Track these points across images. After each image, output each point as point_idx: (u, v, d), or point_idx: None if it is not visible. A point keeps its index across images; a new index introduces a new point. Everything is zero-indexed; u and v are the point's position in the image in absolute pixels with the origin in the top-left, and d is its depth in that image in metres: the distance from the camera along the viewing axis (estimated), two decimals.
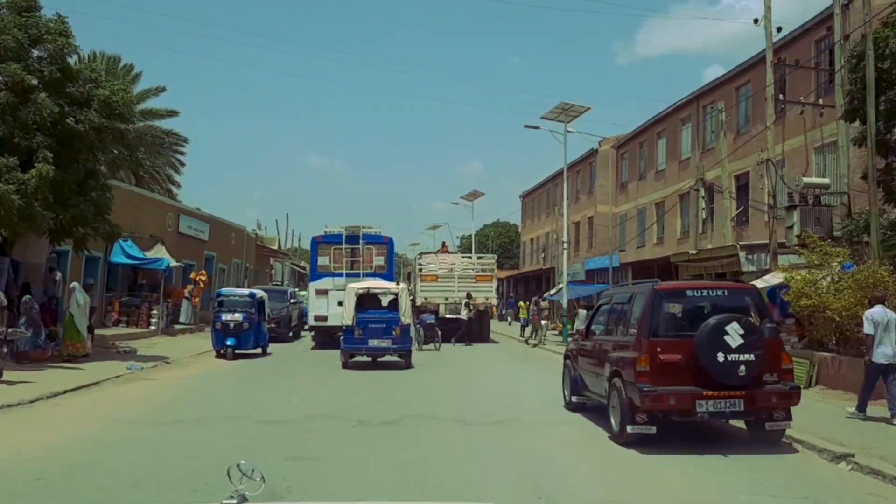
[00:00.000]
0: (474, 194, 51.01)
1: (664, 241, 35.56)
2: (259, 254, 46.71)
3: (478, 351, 25.21)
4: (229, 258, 37.72)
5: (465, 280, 28.16)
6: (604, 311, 11.32)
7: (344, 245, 23.53)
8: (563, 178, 48.59)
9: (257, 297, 21.29)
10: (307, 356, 22.58)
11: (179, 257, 30.86)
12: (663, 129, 36.31)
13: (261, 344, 21.62)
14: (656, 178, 36.77)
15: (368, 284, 20.03)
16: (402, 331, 18.04)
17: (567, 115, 29.30)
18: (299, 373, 17.66)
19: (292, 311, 27.44)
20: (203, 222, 33.91)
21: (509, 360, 21.71)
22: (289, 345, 25.99)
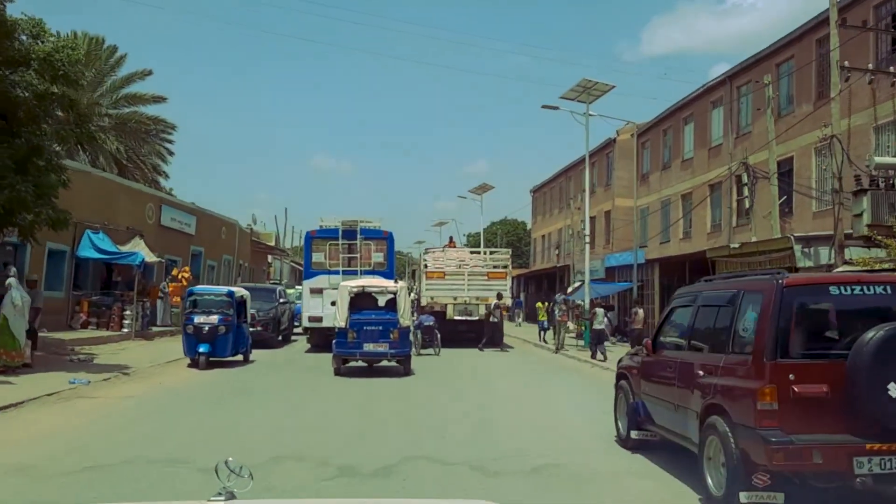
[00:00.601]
0: (483, 187, 47.78)
1: (692, 236, 32.34)
2: (255, 250, 43.62)
3: (490, 357, 22.07)
4: (219, 254, 34.61)
5: (476, 278, 25.00)
6: (683, 316, 8.14)
7: (340, 240, 21.58)
8: (580, 168, 45.67)
9: (236, 297, 18.16)
10: (295, 364, 19.44)
11: (162, 252, 27.81)
12: (690, 113, 33.07)
13: (241, 350, 18.53)
14: (682, 167, 33.54)
15: (363, 282, 17.63)
16: (400, 334, 16.06)
17: (589, 94, 26.09)
18: (281, 387, 14.51)
19: (282, 311, 24.29)
20: (189, 214, 30.80)
21: (529, 370, 18.51)
22: (277, 350, 22.84)
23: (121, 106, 34.78)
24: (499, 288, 24.70)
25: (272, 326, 23.02)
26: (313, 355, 21.80)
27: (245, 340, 18.78)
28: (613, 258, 32.92)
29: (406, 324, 16.55)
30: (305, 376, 16.54)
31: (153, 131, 35.26)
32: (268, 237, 45.18)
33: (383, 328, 15.87)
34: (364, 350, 15.88)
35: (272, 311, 23.24)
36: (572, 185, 48.02)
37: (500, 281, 24.95)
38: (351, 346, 15.83)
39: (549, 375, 17.23)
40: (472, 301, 24.61)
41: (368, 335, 15.78)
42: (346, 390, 14.25)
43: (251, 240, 42.10)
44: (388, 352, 15.97)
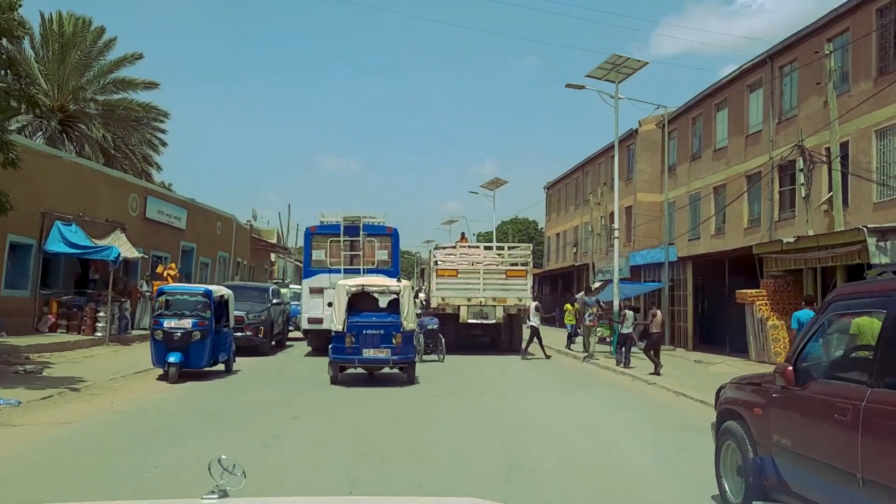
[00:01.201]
0: (496, 182, 44.83)
1: (725, 232, 29.36)
2: (256, 248, 40.83)
3: (509, 366, 19.16)
4: (214, 250, 31.79)
5: (493, 276, 22.08)
6: (848, 331, 5.19)
7: (342, 237, 20.05)
8: (598, 162, 42.91)
9: (215, 297, 15.30)
10: (286, 374, 16.59)
11: (147, 247, 25.04)
12: (724, 98, 30.07)
13: (222, 359, 15.72)
14: (715, 157, 30.54)
15: (363, 281, 15.63)
16: (404, 338, 14.34)
17: (618, 72, 23.17)
18: (260, 407, 11.62)
19: (275, 313, 21.43)
20: (178, 207, 27.99)
21: (557, 383, 15.57)
22: (268, 358, 19.98)
23: (109, 92, 32.02)
24: (518, 288, 21.80)
25: (264, 330, 20.14)
26: (308, 362, 19.12)
27: (227, 347, 15.96)
28: (639, 256, 29.93)
29: (410, 327, 14.68)
30: (294, 391, 13.68)
31: (144, 119, 32.45)
32: (269, 234, 42.38)
33: (385, 332, 14.10)
34: (363, 357, 14.15)
35: (264, 313, 20.37)
36: (589, 180, 45.12)
37: (520, 280, 22.03)
38: (349, 352, 14.10)
39: (583, 391, 14.26)
40: (488, 302, 21.71)
41: (368, 340, 14.08)
42: (340, 410, 11.45)
43: (251, 236, 39.28)
44: (390, 358, 14.17)
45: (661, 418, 10.91)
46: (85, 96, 30.40)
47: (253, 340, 19.90)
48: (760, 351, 20.51)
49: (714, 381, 16.03)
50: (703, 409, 11.81)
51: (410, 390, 13.66)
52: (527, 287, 21.97)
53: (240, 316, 19.69)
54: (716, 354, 23.16)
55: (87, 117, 30.84)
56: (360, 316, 14.42)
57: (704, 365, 20.57)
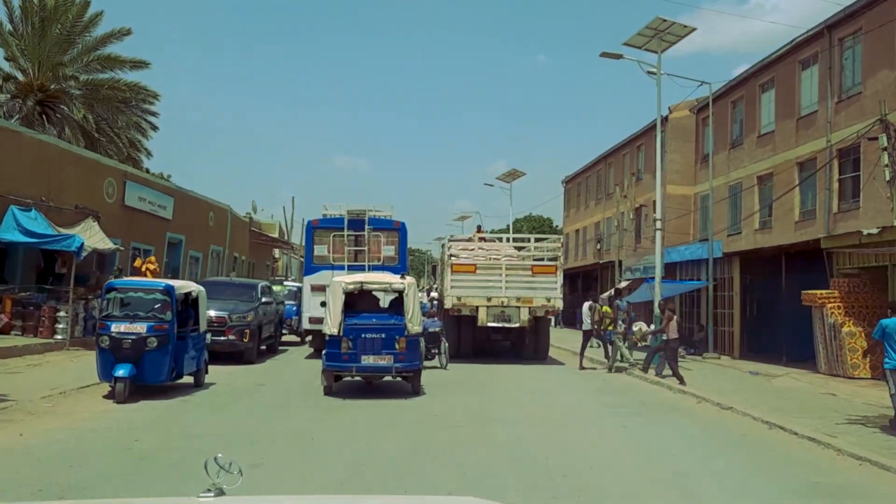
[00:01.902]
0: (513, 174, 41.59)
1: (772, 226, 26.05)
2: (257, 242, 37.78)
3: (538, 377, 16.04)
4: (206, 244, 28.73)
5: (517, 273, 18.92)
6: None
7: (346, 231, 18.56)
8: (624, 153, 39.23)
9: (179, 293, 12.19)
10: (269, 389, 13.45)
11: (126, 239, 22.03)
12: (770, 79, 26.76)
13: (189, 371, 12.65)
14: (760, 143, 27.24)
15: (361, 278, 13.62)
16: (409, 344, 12.45)
17: (661, 39, 19.98)
18: (216, 446, 8.46)
19: (264, 314, 18.34)
20: (163, 195, 24.94)
21: (606, 405, 12.32)
22: (254, 367, 16.89)
23: (93, 70, 29.05)
24: (546, 286, 18.62)
25: (249, 334, 17.05)
26: (302, 370, 16.33)
27: (196, 356, 12.90)
28: (675, 252, 26.69)
29: (416, 330, 12.72)
30: (271, 414, 10.58)
31: (132, 101, 29.45)
32: (271, 228, 39.29)
33: (387, 336, 12.24)
34: (362, 364, 12.22)
35: (250, 313, 17.28)
36: (613, 173, 41.84)
37: (549, 277, 18.83)
38: (345, 358, 12.18)
39: (643, 418, 11.02)
40: (511, 303, 18.55)
41: (368, 345, 12.19)
42: (323, 448, 8.34)
43: (251, 230, 36.24)
44: (393, 366, 12.30)
45: (772, 469, 7.71)
46: (65, 73, 27.46)
47: (236, 346, 16.86)
48: (833, 362, 17.30)
49: (795, 402, 13.27)
50: (818, 451, 8.61)
51: (416, 404, 10.57)
52: (556, 285, 18.78)
53: (221, 317, 16.75)
54: (770, 364, 19.97)
55: (68, 97, 27.91)
56: (359, 317, 12.48)
57: (765, 378, 17.38)
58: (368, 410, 11.07)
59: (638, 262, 30.05)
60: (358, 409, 11.17)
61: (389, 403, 11.74)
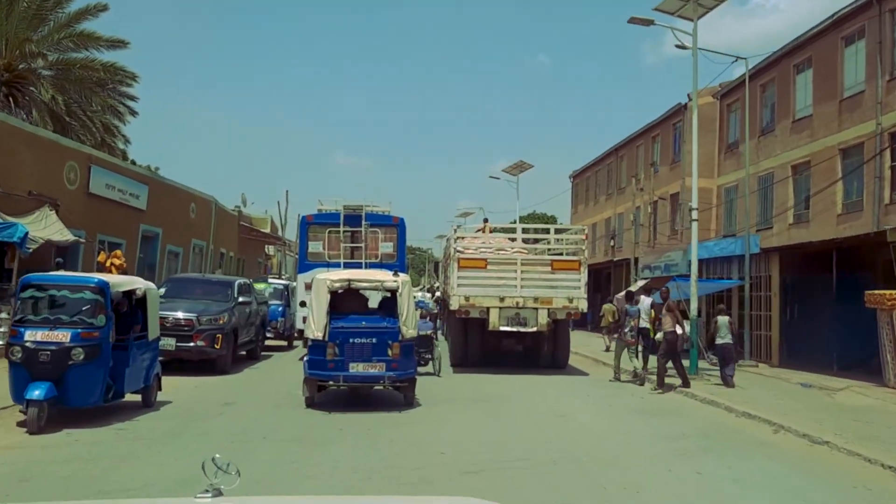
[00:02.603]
0: (520, 166, 38.90)
1: (810, 219, 23.38)
2: (247, 238, 35.10)
3: (560, 391, 13.42)
4: (186, 238, 26.04)
5: (535, 269, 16.26)
6: None
7: (342, 227, 17.69)
8: (637, 145, 36.20)
9: (115, 291, 9.55)
10: (236, 408, 10.82)
11: (91, 230, 19.41)
12: (807, 58, 24.10)
13: (133, 388, 10.04)
14: (794, 129, 24.59)
15: (348, 275, 12.01)
16: (402, 349, 11.02)
17: (699, 3, 17.36)
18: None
19: (242, 316, 15.68)
20: (136, 182, 22.25)
21: (657, 435, 9.66)
22: (227, 378, 14.25)
23: (66, 49, 26.36)
24: (568, 284, 15.99)
25: (222, 339, 14.39)
26: (282, 380, 13.57)
27: (144, 370, 10.26)
28: (703, 248, 23.99)
29: (411, 334, 11.24)
30: (228, 451, 7.88)
31: (107, 82, 26.76)
32: (262, 223, 36.58)
33: (378, 341, 10.84)
34: (350, 373, 10.78)
35: (223, 315, 14.63)
36: (625, 166, 39.17)
37: (570, 274, 16.18)
38: (331, 366, 10.75)
39: (714, 457, 8.33)
40: (527, 303, 15.92)
41: (356, 351, 10.77)
42: None
43: (240, 224, 33.56)
44: (385, 374, 10.88)
45: None
46: (32, 50, 24.79)
47: (206, 353, 14.25)
48: None
49: (887, 428, 10.70)
50: None
51: (422, 454, 7.93)
52: (580, 283, 16.13)
53: (189, 320, 14.18)
54: (819, 374, 17.37)
55: (36, 77, 25.25)
56: (347, 320, 11.02)
57: (824, 393, 14.76)
58: (356, 444, 8.43)
59: (658, 260, 27.40)
60: (343, 443, 8.53)
61: (383, 431, 9.13)
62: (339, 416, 10.22)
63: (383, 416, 10.26)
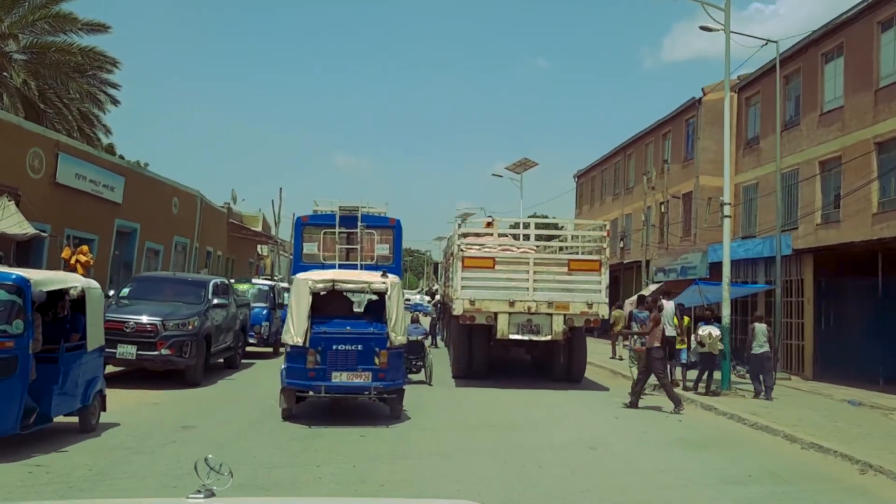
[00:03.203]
0: (524, 164, 36.95)
1: (841, 219, 21.44)
2: (237, 236, 33.11)
3: (582, 412, 11.50)
4: (168, 235, 24.04)
5: (549, 270, 14.25)
6: None
7: (337, 228, 16.82)
8: (647, 142, 34.10)
9: (38, 291, 7.54)
10: (196, 433, 8.87)
11: (58, 224, 17.48)
12: (837, 45, 22.19)
13: (72, 409, 8.10)
14: (822, 122, 22.67)
15: (332, 275, 10.84)
16: (391, 357, 9.90)
17: None
18: None
19: (217, 320, 13.69)
20: (111, 173, 20.26)
21: (722, 478, 7.63)
22: (197, 391, 12.27)
23: (41, 32, 24.41)
24: (588, 287, 14.01)
25: (192, 347, 12.42)
26: (254, 401, 11.65)
27: (82, 387, 8.29)
28: (713, 252, 22.15)
29: (400, 341, 10.25)
30: (163, 492, 5.98)
31: (85, 67, 24.82)
32: (253, 221, 34.58)
33: (364, 348, 9.87)
34: (332, 383, 9.78)
35: (193, 319, 12.65)
36: (633, 165, 37.25)
37: (590, 276, 14.20)
38: (312, 375, 9.75)
39: None
40: (540, 309, 13.95)
41: (340, 359, 9.80)
42: None
43: (229, 222, 31.57)
44: (371, 385, 9.84)
45: None
46: (3, 32, 22.85)
47: (172, 362, 12.28)
48: None
49: None
50: None
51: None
52: (601, 286, 14.15)
53: (152, 324, 12.19)
54: (861, 389, 15.48)
55: (8, 60, 23.29)
56: (330, 324, 10.06)
57: (879, 413, 12.85)
58: (338, 491, 6.47)
59: (673, 262, 25.48)
60: (320, 487, 6.57)
61: (373, 471, 7.17)
62: (318, 443, 8.31)
63: (371, 445, 8.33)
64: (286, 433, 8.99)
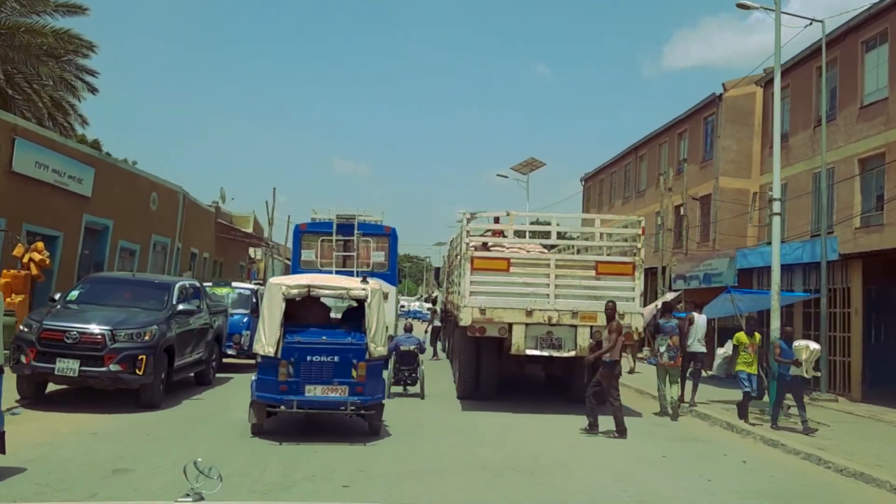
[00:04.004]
0: (531, 164, 34.82)
1: (884, 221, 19.36)
2: (226, 238, 30.95)
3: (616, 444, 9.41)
4: (146, 233, 21.87)
5: (574, 273, 12.09)
6: None
7: (335, 236, 17.51)
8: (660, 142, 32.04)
9: None
10: (133, 481, 6.67)
11: (14, 219, 15.39)
12: (880, 31, 20.14)
13: None
14: (863, 116, 20.63)
15: (308, 280, 9.77)
16: (369, 370, 9.04)
17: None
18: None
19: (183, 329, 11.52)
20: (77, 163, 18.09)
21: None
22: (150, 415, 10.12)
23: (10, 12, 22.36)
24: (618, 294, 11.86)
25: (147, 361, 10.26)
26: (221, 427, 9.57)
27: None
28: (756, 255, 20.07)
29: (380, 352, 9.33)
30: None
31: (59, 51, 22.73)
32: (244, 222, 32.32)
33: (341, 359, 8.89)
34: (306, 397, 8.81)
35: (150, 328, 10.49)
36: (646, 166, 35.19)
37: (622, 281, 12.07)
38: (283, 388, 8.80)
39: None
40: (563, 319, 11.81)
41: (314, 371, 8.83)
42: None
43: (217, 222, 29.42)
44: (348, 400, 8.85)
45: None
46: None
47: (124, 380, 10.14)
48: None
49: None
50: None
51: None
52: (634, 293, 12.03)
53: (100, 334, 10.10)
54: None
55: None
56: (304, 334, 9.19)
57: None
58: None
59: (695, 269, 23.35)
60: None
61: None
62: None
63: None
64: (253, 461, 6.87)
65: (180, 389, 12.08)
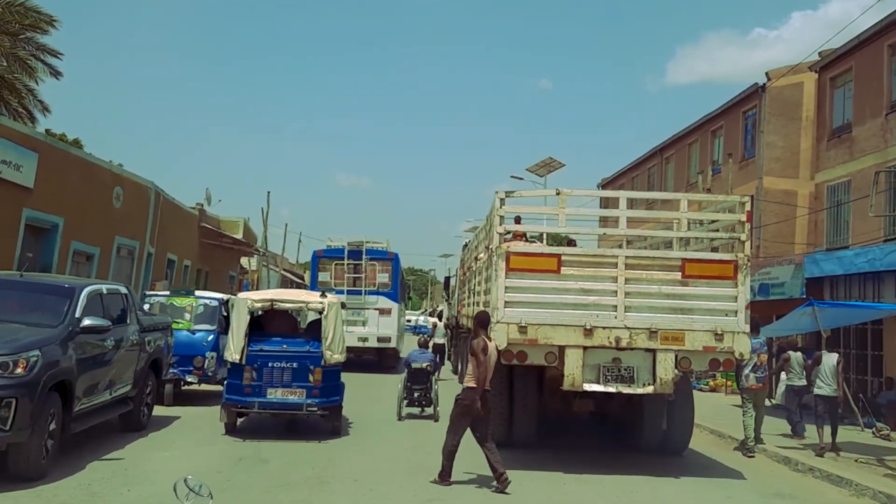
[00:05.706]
0: (548, 164, 31.13)
1: None
2: (212, 244, 27.29)
3: None
4: (107, 234, 18.13)
5: (651, 276, 8.39)
6: None
7: (346, 260, 19.92)
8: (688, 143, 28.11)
9: None
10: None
11: None
12: None
13: None
14: None
15: (273, 295, 11.11)
16: (325, 375, 9.80)
17: None
18: None
19: (89, 355, 7.83)
20: (15, 146, 14.35)
21: None
22: (34, 494, 6.41)
23: None
24: (713, 306, 8.20)
25: (22, 408, 6.55)
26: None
27: None
28: (831, 261, 16.42)
29: (336, 359, 9.95)
30: None
31: (13, 26, 19.26)
32: (233, 227, 28.61)
33: (299, 366, 9.75)
34: (267, 399, 9.67)
35: (30, 357, 6.79)
36: (672, 169, 31.61)
37: (719, 287, 8.35)
38: (248, 391, 9.68)
39: None
40: (635, 342, 8.11)
41: (275, 376, 9.71)
42: None
43: (201, 226, 25.77)
44: (305, 402, 9.73)
45: None
46: None
47: None
48: None
49: None
50: None
51: None
52: (738, 305, 8.26)
53: None
54: None
55: None
56: (267, 343, 9.89)
57: None
58: None
59: (751, 279, 19.62)
60: None
61: None
62: None
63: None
64: None
65: (89, 441, 8.39)
